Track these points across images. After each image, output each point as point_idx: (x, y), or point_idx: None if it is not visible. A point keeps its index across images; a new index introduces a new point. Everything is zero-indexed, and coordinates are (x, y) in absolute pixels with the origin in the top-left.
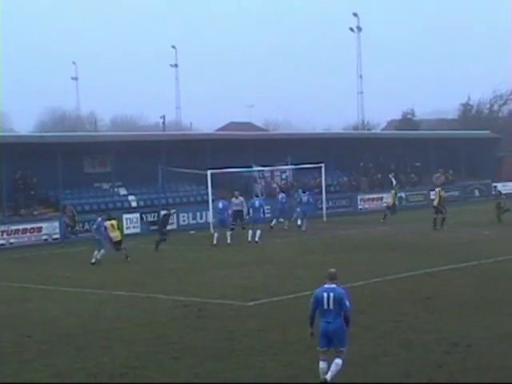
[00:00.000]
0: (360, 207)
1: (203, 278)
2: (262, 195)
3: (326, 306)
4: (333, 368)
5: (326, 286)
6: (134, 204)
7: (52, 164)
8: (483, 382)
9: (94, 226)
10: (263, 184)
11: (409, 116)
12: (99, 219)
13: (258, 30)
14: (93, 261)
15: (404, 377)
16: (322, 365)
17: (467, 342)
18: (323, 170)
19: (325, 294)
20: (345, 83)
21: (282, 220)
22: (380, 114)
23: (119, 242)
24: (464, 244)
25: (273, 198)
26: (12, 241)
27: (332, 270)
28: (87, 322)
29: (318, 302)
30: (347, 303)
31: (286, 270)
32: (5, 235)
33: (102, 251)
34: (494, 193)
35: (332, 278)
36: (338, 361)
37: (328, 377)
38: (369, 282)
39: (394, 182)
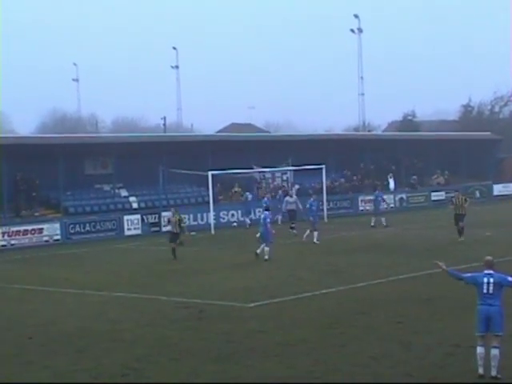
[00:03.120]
0: (361, 208)
1: (204, 280)
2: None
3: (485, 291)
4: (493, 363)
5: (485, 271)
6: (134, 205)
7: (53, 165)
8: (484, 383)
9: (262, 218)
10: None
11: (410, 117)
12: (266, 212)
13: (259, 31)
14: (266, 257)
15: (405, 378)
16: (480, 350)
17: (469, 343)
18: (324, 171)
19: (485, 279)
20: (346, 85)
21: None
22: (381, 116)
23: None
24: (465, 245)
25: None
26: (13, 242)
27: (489, 257)
28: (88, 323)
29: (478, 285)
30: (509, 278)
31: (286, 271)
32: (6, 236)
33: (266, 247)
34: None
35: (489, 266)
36: (496, 352)
37: (493, 372)
38: (370, 284)
39: (392, 184)
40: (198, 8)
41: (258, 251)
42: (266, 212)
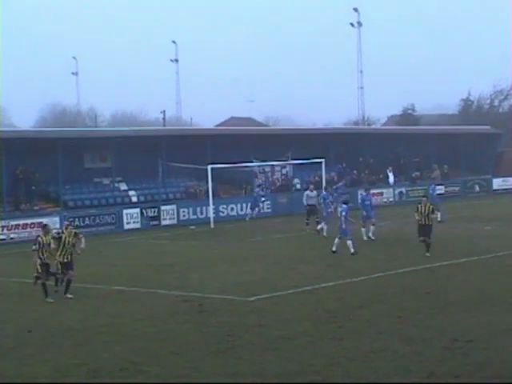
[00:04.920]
0: (359, 202)
1: (204, 273)
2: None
3: None
4: None
5: None
6: (134, 199)
7: (52, 159)
8: (482, 382)
9: (340, 212)
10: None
11: (409, 111)
12: (344, 205)
13: (259, 24)
14: (352, 251)
15: (404, 372)
16: None
17: (468, 338)
18: (323, 165)
19: None
20: (345, 78)
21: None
22: (380, 110)
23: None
24: (464, 239)
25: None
26: (12, 236)
27: None
28: (87, 317)
29: None
30: None
31: (286, 265)
32: (5, 230)
33: (350, 243)
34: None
35: None
36: None
37: None
38: (370, 277)
39: (392, 178)
40: (198, 2)
41: (334, 249)
42: (344, 205)
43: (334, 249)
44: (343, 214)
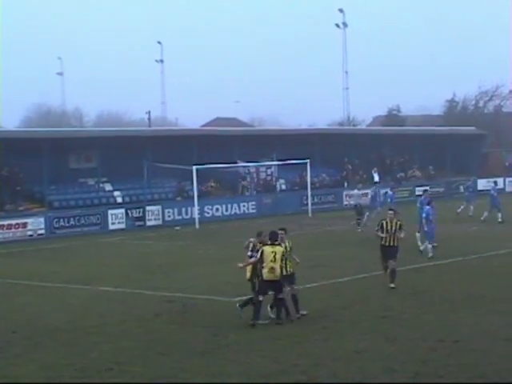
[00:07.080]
0: (345, 203)
1: (189, 274)
2: None
3: None
4: None
5: None
6: (119, 200)
7: (37, 159)
8: (467, 382)
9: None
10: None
11: (394, 112)
12: (427, 207)
13: (244, 25)
14: (430, 255)
15: (389, 372)
16: None
17: (453, 338)
18: (308, 165)
19: None
20: (330, 79)
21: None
22: (365, 110)
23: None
24: (449, 240)
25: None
26: None
27: None
28: (74, 317)
29: None
30: None
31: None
32: None
33: (430, 247)
34: None
35: None
36: None
37: None
38: (355, 278)
39: (377, 178)
40: (183, 2)
41: (421, 248)
42: (427, 206)
43: (430, 255)
44: (423, 215)
